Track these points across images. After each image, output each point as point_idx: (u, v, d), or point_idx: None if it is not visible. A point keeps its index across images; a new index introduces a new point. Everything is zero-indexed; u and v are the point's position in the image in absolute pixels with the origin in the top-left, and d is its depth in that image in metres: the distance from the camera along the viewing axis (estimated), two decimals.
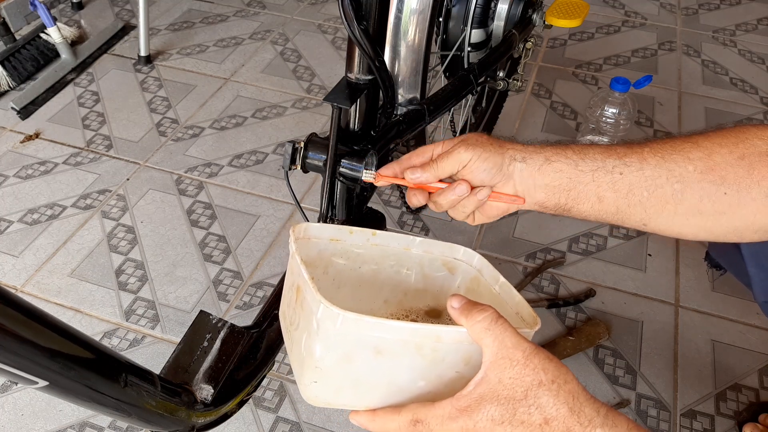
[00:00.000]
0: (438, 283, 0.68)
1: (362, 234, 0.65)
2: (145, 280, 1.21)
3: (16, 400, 1.02)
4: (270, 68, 1.76)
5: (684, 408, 1.03)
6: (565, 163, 0.59)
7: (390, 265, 0.67)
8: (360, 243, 0.65)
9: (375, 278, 0.68)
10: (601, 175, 0.58)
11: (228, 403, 0.66)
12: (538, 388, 0.46)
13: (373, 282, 0.68)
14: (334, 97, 0.75)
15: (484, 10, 1.10)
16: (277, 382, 1.05)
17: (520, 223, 1.32)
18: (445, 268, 0.66)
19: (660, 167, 0.57)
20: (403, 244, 0.66)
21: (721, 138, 0.56)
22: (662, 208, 0.57)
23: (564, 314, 1.16)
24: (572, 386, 0.47)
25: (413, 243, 0.66)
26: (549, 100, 1.66)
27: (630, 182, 0.57)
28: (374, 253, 0.66)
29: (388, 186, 1.35)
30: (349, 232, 0.65)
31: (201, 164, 1.45)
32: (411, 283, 0.68)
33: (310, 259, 0.64)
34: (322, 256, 0.65)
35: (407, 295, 0.69)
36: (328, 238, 0.64)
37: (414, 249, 0.66)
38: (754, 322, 1.15)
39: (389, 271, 0.68)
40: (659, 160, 0.57)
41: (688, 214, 0.57)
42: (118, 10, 2.00)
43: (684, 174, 0.56)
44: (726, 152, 0.55)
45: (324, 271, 0.66)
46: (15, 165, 1.44)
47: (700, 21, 1.99)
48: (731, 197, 0.55)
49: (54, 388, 0.47)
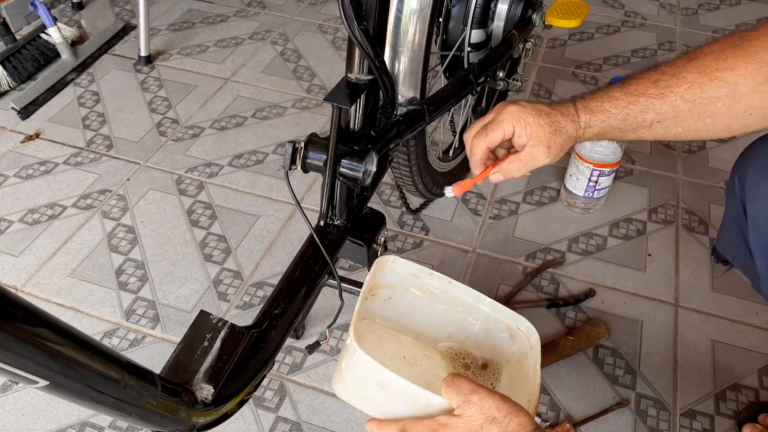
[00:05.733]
0: (497, 342, 0.76)
1: (440, 278, 0.74)
2: (146, 279, 1.21)
3: (16, 400, 1.03)
4: (270, 68, 1.76)
5: (684, 408, 1.03)
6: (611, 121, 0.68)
7: (459, 311, 0.76)
8: (436, 285, 0.75)
9: (444, 316, 0.77)
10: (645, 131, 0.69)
11: (228, 403, 0.66)
12: (491, 424, 0.57)
13: (442, 318, 0.77)
14: (334, 97, 0.76)
15: (484, 10, 1.10)
16: (277, 382, 1.05)
17: (520, 223, 1.32)
18: (507, 332, 0.74)
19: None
20: (475, 299, 0.74)
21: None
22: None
23: (564, 314, 1.16)
24: (522, 419, 0.57)
25: (483, 301, 0.74)
26: (549, 100, 1.66)
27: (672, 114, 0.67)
28: (447, 297, 0.75)
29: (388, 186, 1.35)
30: (429, 273, 0.75)
31: (201, 164, 1.45)
32: (474, 331, 0.77)
33: (390, 284, 0.76)
34: (402, 284, 0.76)
35: (469, 339, 0.78)
36: (410, 273, 0.75)
37: (483, 306, 0.74)
38: (754, 322, 1.15)
39: (457, 315, 0.76)
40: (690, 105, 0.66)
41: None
42: (119, 11, 2.00)
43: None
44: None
45: (402, 294, 0.77)
46: (15, 165, 1.45)
47: (699, 21, 1.99)
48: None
49: (54, 387, 0.47)
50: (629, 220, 1.34)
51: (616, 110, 0.68)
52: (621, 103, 0.68)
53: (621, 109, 0.68)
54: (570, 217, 1.34)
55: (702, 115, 0.66)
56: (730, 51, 0.64)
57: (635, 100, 0.67)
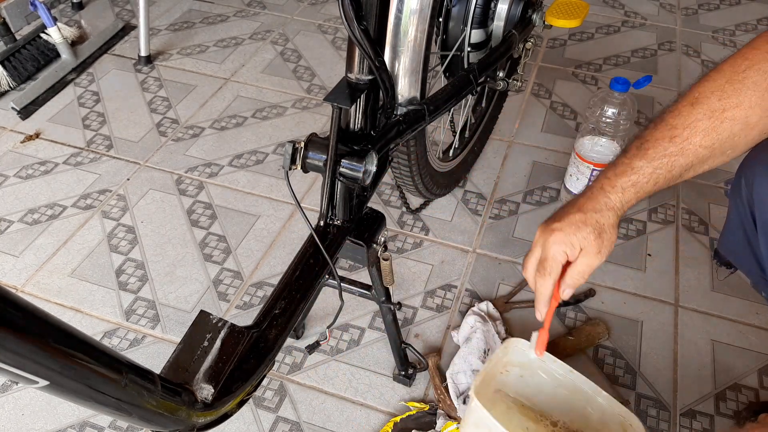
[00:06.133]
0: None
1: (562, 366, 0.81)
2: (146, 279, 1.21)
3: (16, 400, 1.03)
4: (270, 68, 1.76)
5: (684, 408, 1.03)
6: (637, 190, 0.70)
7: (578, 399, 0.82)
8: (560, 372, 0.81)
9: (565, 401, 0.83)
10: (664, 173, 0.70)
11: (228, 403, 0.66)
12: None
13: (564, 403, 0.84)
14: (335, 97, 0.75)
15: (484, 10, 1.10)
16: (277, 382, 1.05)
17: (519, 223, 1.32)
18: (621, 427, 0.79)
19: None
20: (592, 390, 0.80)
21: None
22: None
23: (564, 314, 1.16)
24: None
25: (600, 394, 0.80)
26: (549, 101, 1.66)
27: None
28: (569, 384, 0.82)
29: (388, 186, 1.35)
30: (553, 360, 0.81)
31: (201, 164, 1.45)
32: (592, 420, 0.82)
33: (522, 363, 0.82)
34: (531, 366, 0.82)
35: (588, 427, 0.84)
36: (536, 356, 0.81)
37: (600, 399, 0.80)
38: (753, 322, 1.15)
39: (577, 403, 0.83)
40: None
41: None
42: (119, 11, 2.00)
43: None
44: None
45: (531, 375, 0.83)
46: (15, 165, 1.45)
47: (699, 21, 1.99)
48: None
49: (54, 387, 0.47)
50: (629, 220, 1.34)
51: (644, 179, 0.69)
52: (646, 171, 0.69)
53: (648, 176, 0.69)
54: None
55: (723, 151, 0.68)
56: (729, 88, 0.66)
57: (659, 164, 0.68)
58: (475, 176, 1.44)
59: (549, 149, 1.51)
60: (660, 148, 0.68)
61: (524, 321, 1.14)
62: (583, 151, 1.25)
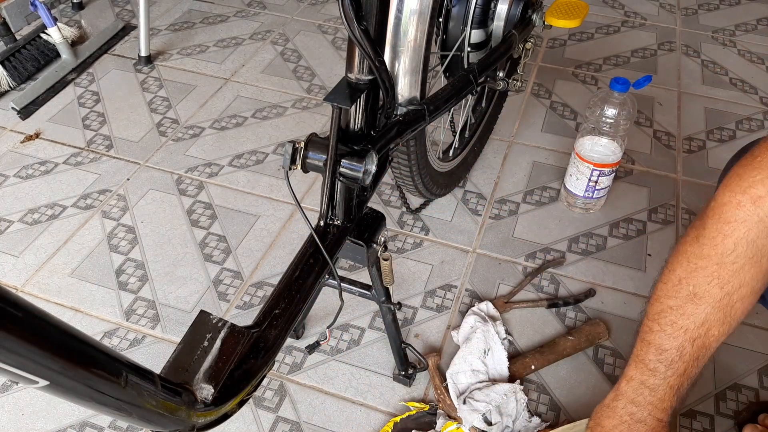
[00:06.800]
0: None
1: None
2: (146, 279, 1.21)
3: (16, 400, 1.03)
4: (270, 68, 1.76)
5: (683, 408, 1.03)
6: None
7: None
8: None
9: None
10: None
11: (228, 403, 0.66)
12: None
13: None
14: (335, 97, 0.76)
15: (484, 10, 1.10)
16: (277, 382, 1.05)
17: (519, 223, 1.32)
18: None
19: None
20: None
21: None
22: None
23: (564, 314, 1.16)
24: None
25: None
26: (549, 101, 1.66)
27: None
28: None
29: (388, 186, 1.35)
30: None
31: (201, 164, 1.45)
32: None
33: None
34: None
35: None
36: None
37: None
38: (754, 322, 1.15)
39: None
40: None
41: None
42: (119, 11, 2.00)
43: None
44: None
45: None
46: (15, 165, 1.45)
47: (699, 21, 1.99)
48: None
49: (54, 387, 0.47)
50: (629, 220, 1.34)
51: (687, 384, 0.69)
52: (686, 382, 0.69)
53: (688, 378, 0.69)
54: (570, 217, 1.34)
55: (738, 322, 0.67)
56: (715, 269, 0.65)
57: (691, 372, 0.68)
58: (475, 176, 1.44)
59: (549, 149, 1.51)
60: (684, 358, 0.67)
61: (524, 321, 1.14)
62: (583, 151, 1.25)
